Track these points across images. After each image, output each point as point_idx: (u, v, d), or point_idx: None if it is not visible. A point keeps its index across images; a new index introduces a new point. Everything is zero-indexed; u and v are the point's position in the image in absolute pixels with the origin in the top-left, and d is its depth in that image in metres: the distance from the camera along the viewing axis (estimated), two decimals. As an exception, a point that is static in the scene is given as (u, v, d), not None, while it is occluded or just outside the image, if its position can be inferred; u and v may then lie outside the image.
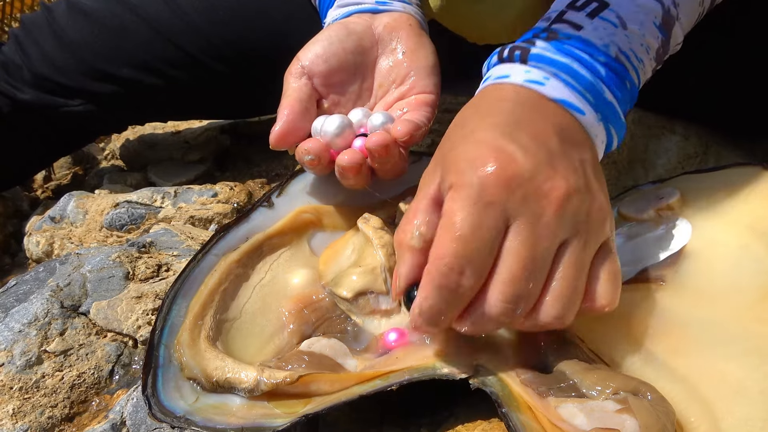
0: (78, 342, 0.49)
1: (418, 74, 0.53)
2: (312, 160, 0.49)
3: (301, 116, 0.51)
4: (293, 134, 0.50)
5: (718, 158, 0.67)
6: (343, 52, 0.53)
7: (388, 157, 0.48)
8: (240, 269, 0.49)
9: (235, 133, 0.95)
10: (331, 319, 0.47)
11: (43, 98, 0.75)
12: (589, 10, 0.45)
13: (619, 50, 0.44)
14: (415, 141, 0.49)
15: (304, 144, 0.49)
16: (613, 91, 0.43)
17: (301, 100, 0.51)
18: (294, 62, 0.53)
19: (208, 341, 0.44)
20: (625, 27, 0.44)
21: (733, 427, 0.36)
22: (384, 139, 0.47)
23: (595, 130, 0.43)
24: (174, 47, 0.72)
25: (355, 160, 0.48)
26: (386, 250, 0.47)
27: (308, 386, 0.41)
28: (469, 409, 0.42)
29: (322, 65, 0.53)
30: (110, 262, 0.54)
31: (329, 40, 0.53)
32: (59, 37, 0.74)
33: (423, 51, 0.54)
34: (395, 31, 0.54)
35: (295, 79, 0.53)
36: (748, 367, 0.39)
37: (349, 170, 0.48)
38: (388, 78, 0.54)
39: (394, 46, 0.54)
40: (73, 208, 0.71)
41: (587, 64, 0.43)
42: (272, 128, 0.50)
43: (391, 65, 0.54)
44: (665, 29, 0.46)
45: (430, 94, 0.53)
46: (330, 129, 0.50)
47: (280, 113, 0.51)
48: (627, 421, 0.34)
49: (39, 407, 0.46)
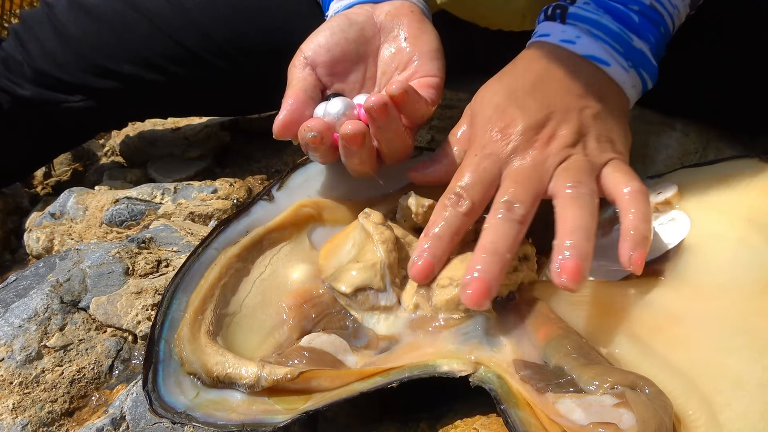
0: (78, 337, 0.49)
1: (422, 58, 0.53)
2: (315, 137, 0.47)
3: (305, 106, 0.50)
4: (297, 123, 0.49)
5: (718, 154, 0.67)
6: (345, 41, 0.53)
7: (388, 121, 0.47)
8: (240, 263, 0.49)
9: (235, 130, 0.95)
10: (331, 314, 0.47)
11: (43, 94, 0.75)
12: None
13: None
14: (417, 113, 0.49)
15: (307, 122, 0.48)
16: (646, 37, 0.49)
17: (305, 90, 0.51)
18: (297, 54, 0.53)
19: (208, 336, 0.44)
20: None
21: (731, 420, 0.36)
22: (381, 98, 0.46)
23: (623, 78, 0.49)
24: (174, 43, 0.72)
25: (358, 128, 0.46)
26: (386, 246, 0.46)
27: (309, 382, 0.41)
28: (468, 404, 0.42)
29: (325, 55, 0.53)
30: (110, 258, 0.54)
31: (331, 30, 0.53)
32: (59, 33, 0.74)
33: (425, 36, 0.54)
34: (397, 18, 0.54)
35: (299, 69, 0.52)
36: (746, 360, 0.39)
37: (352, 139, 0.46)
38: (391, 64, 0.54)
39: (396, 33, 0.54)
40: (73, 204, 0.71)
41: (620, 13, 0.49)
42: (276, 117, 0.50)
43: (394, 51, 0.54)
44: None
45: (434, 77, 0.53)
46: (333, 110, 0.49)
47: (284, 103, 0.50)
48: (624, 416, 0.34)
49: (39, 402, 0.46)
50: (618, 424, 0.34)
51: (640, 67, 0.49)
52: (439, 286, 0.44)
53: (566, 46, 0.49)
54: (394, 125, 0.48)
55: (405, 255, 0.48)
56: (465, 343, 0.42)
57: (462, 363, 0.40)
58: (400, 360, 0.42)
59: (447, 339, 0.43)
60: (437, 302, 0.44)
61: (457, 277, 0.44)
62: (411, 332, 0.44)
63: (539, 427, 0.35)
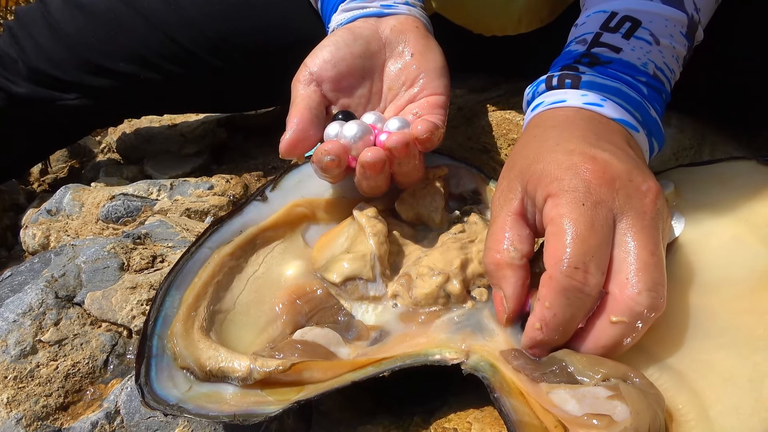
0: (72, 332, 0.49)
1: (428, 76, 0.53)
2: (333, 161, 0.46)
3: (311, 124, 0.50)
4: (304, 142, 0.49)
5: (713, 151, 0.67)
6: (351, 56, 0.53)
7: (408, 158, 0.47)
8: (233, 261, 0.49)
9: (231, 127, 0.95)
10: (324, 309, 0.47)
11: (38, 92, 0.75)
12: (623, 31, 0.48)
13: (656, 67, 0.48)
14: (433, 144, 0.48)
15: (324, 146, 0.47)
16: (654, 106, 0.48)
17: (311, 108, 0.50)
18: (301, 69, 0.52)
19: (201, 332, 0.44)
20: (659, 43, 0.48)
21: (722, 414, 0.36)
22: (404, 137, 0.46)
23: (644, 145, 0.47)
24: (170, 41, 0.72)
25: (378, 157, 0.46)
26: (377, 239, 0.47)
27: (301, 374, 0.41)
28: (462, 398, 0.42)
29: (331, 70, 0.52)
30: (105, 253, 0.55)
31: (336, 45, 0.53)
32: (55, 31, 0.74)
33: (431, 53, 0.54)
34: (402, 34, 0.54)
35: (304, 86, 0.52)
36: (737, 356, 0.39)
37: (372, 167, 0.46)
38: (398, 81, 0.54)
39: (401, 49, 0.54)
40: (69, 200, 0.71)
41: (632, 85, 0.47)
42: (282, 137, 0.49)
43: (400, 68, 0.54)
44: (690, 36, 0.50)
45: (441, 96, 0.53)
46: (349, 134, 0.48)
47: (290, 121, 0.50)
48: (618, 408, 0.34)
49: (33, 396, 0.46)
50: (612, 415, 0.34)
51: (652, 134, 0.48)
52: (419, 276, 0.45)
53: (593, 108, 0.46)
54: (414, 161, 0.48)
55: (397, 249, 0.49)
56: (457, 332, 0.42)
57: (454, 351, 0.40)
58: (392, 350, 0.42)
59: (439, 328, 0.43)
60: (417, 295, 0.45)
61: (436, 267, 0.45)
62: (402, 323, 0.44)
63: (532, 416, 0.36)
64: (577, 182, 0.39)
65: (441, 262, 0.46)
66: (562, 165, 0.40)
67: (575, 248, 0.37)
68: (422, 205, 0.51)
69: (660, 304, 0.38)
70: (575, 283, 0.37)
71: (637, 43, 0.48)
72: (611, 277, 0.38)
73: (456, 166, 0.55)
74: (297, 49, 0.56)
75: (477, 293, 0.45)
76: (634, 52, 0.48)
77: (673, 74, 0.50)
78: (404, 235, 0.50)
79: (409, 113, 0.52)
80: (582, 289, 0.37)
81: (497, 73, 0.78)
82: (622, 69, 0.47)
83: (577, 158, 0.40)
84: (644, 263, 0.38)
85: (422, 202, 0.51)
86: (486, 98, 0.74)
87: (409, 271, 0.46)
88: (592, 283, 0.37)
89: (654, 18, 0.48)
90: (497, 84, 0.77)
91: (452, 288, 0.44)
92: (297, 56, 0.54)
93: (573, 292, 0.37)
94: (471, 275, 0.45)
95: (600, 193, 0.39)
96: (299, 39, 0.68)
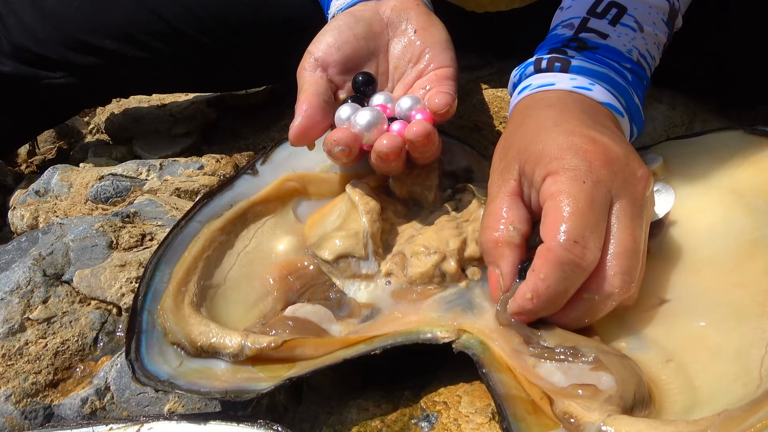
0: (61, 310, 0.49)
1: (434, 50, 0.52)
2: (342, 150, 0.46)
3: (320, 110, 0.49)
4: (314, 129, 0.48)
5: (704, 127, 0.67)
6: (354, 38, 0.52)
7: (429, 146, 0.46)
8: (224, 236, 0.49)
9: (222, 107, 0.94)
10: (316, 285, 0.47)
11: (23, 70, 0.73)
12: (610, 18, 0.49)
13: (639, 54, 0.49)
14: (450, 115, 0.48)
15: (333, 134, 0.47)
16: (637, 92, 0.49)
17: (319, 94, 0.49)
18: (306, 56, 0.52)
19: (192, 307, 0.44)
20: (642, 30, 0.49)
21: (707, 383, 0.37)
22: (425, 129, 0.46)
23: (626, 130, 0.48)
24: (157, 18, 0.71)
25: (395, 145, 0.46)
26: (370, 216, 0.46)
27: (293, 351, 0.41)
28: (453, 373, 0.42)
29: (336, 54, 0.51)
30: (93, 232, 0.54)
31: (339, 29, 0.52)
32: (39, 8, 0.72)
33: (434, 28, 0.53)
34: (403, 12, 0.53)
35: (310, 72, 0.51)
36: (725, 330, 0.39)
37: (389, 156, 0.46)
38: (403, 58, 0.53)
39: (404, 27, 0.53)
40: (57, 181, 0.70)
41: (618, 71, 0.48)
42: (291, 124, 0.48)
43: (405, 45, 0.53)
44: (671, 23, 0.51)
45: (449, 68, 0.52)
46: (362, 121, 0.47)
47: (298, 108, 0.49)
48: (603, 377, 0.35)
49: (22, 373, 0.46)
50: (597, 385, 0.34)
51: (633, 120, 0.49)
52: (414, 255, 0.45)
53: (582, 91, 0.46)
54: (434, 146, 0.47)
55: (389, 226, 0.48)
56: (448, 311, 0.42)
57: (445, 330, 0.40)
58: (384, 328, 0.42)
59: (430, 307, 0.43)
60: (412, 274, 0.44)
61: (431, 246, 0.45)
62: (394, 301, 0.44)
63: (519, 389, 0.36)
64: (578, 161, 0.40)
65: (436, 240, 0.45)
66: (563, 145, 0.41)
67: (575, 222, 0.37)
68: (416, 183, 0.50)
69: (630, 287, 0.39)
70: (573, 257, 0.37)
71: (623, 29, 0.49)
72: None
73: (449, 142, 0.54)
74: (287, 26, 0.55)
75: (470, 272, 0.45)
76: (620, 38, 0.49)
77: (654, 61, 0.51)
78: (397, 213, 0.50)
79: (419, 89, 0.52)
80: (579, 263, 0.37)
81: (489, 52, 0.77)
82: (609, 55, 0.48)
83: (577, 139, 0.41)
84: (625, 248, 0.38)
85: (416, 180, 0.51)
86: (478, 77, 0.73)
87: (403, 249, 0.46)
88: (590, 258, 0.37)
89: (638, 5, 0.49)
90: (489, 62, 0.76)
91: (448, 267, 0.44)
92: (287, 34, 0.54)
93: (570, 265, 0.37)
94: (466, 255, 0.45)
95: (600, 174, 0.39)
96: (289, 16, 0.67)
